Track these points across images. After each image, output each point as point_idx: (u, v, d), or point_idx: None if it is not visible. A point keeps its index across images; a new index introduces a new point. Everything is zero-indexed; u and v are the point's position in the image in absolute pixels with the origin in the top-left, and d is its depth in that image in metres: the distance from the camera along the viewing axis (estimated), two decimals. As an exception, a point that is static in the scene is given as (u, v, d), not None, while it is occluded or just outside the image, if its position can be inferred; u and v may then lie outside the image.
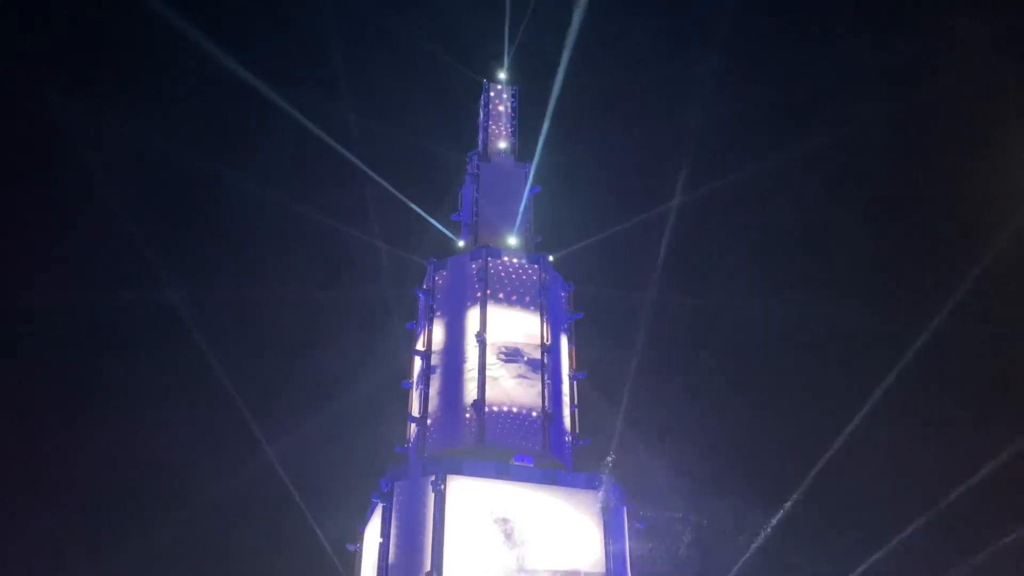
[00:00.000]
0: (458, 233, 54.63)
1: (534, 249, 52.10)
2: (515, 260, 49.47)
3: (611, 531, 40.79)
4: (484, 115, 58.47)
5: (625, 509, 42.57)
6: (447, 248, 53.07)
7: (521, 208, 54.10)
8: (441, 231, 54.43)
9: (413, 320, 51.03)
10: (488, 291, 47.52)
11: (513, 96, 59.65)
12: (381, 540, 40.29)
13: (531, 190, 54.87)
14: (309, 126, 57.05)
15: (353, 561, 45.36)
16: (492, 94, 59.17)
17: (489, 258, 48.76)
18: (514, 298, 48.02)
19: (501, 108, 58.84)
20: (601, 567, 39.51)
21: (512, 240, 51.92)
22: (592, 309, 52.46)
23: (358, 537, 45.70)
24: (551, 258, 50.82)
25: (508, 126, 58.12)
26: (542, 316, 47.60)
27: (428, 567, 37.79)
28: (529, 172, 55.85)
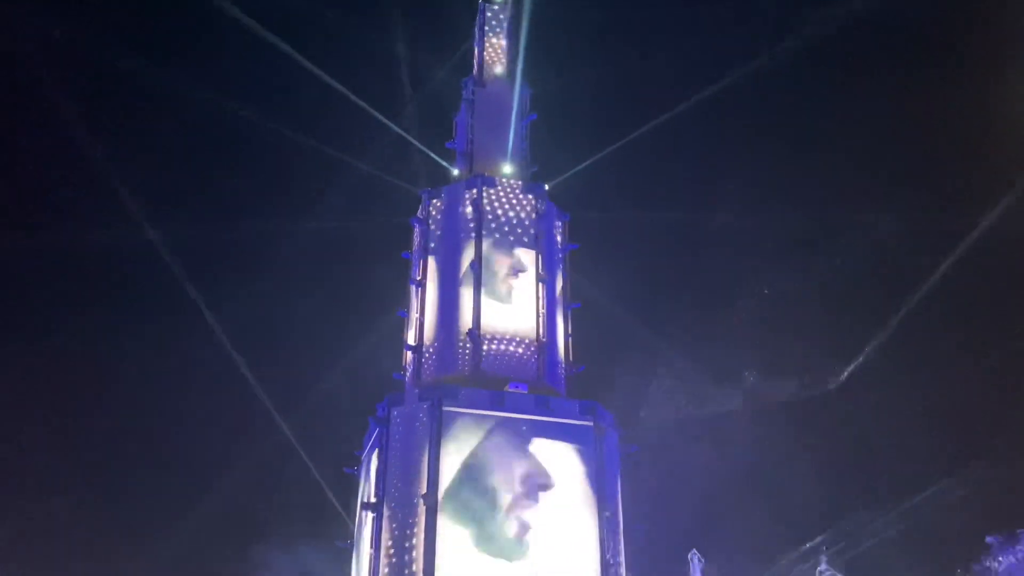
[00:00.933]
0: (453, 162, 54.08)
1: (530, 178, 51.67)
2: (511, 189, 49.18)
3: (603, 456, 41.83)
4: (479, 38, 56.86)
5: (617, 435, 43.56)
6: (442, 178, 52.62)
7: (513, 134, 53.38)
8: (436, 160, 53.81)
9: (408, 250, 51.06)
10: (483, 220, 47.43)
11: (510, 18, 58.05)
12: (378, 464, 41.35)
13: (527, 118, 54.07)
14: (295, 55, 55.71)
15: (351, 485, 46.68)
16: (488, 15, 57.48)
17: (484, 187, 48.44)
18: (509, 227, 47.97)
19: (498, 30, 57.29)
20: (592, 492, 40.64)
21: (507, 168, 51.42)
22: (588, 236, 52.52)
23: (356, 461, 46.87)
24: (547, 187, 50.53)
25: (504, 50, 56.72)
26: (537, 246, 47.66)
27: (424, 490, 38.87)
28: (526, 98, 54.92)
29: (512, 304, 45.85)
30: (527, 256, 47.15)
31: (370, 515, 40.78)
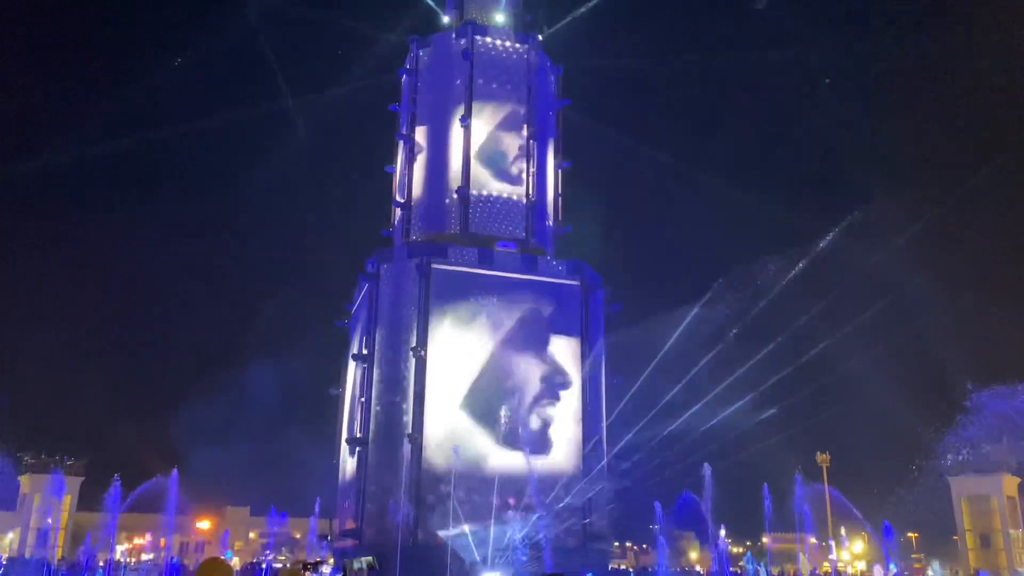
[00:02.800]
0: (443, 7, 51.30)
1: (524, 28, 49.20)
2: (503, 39, 47.04)
3: (588, 315, 42.67)
4: None
5: (603, 294, 44.17)
6: (432, 27, 50.07)
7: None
8: (423, 10, 50.97)
9: (396, 102, 49.40)
10: (474, 71, 45.70)
11: None
12: (369, 318, 42.08)
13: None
14: None
15: (343, 337, 47.68)
16: None
17: (475, 35, 46.28)
18: (501, 80, 46.25)
19: None
20: (577, 350, 41.77)
21: (500, 17, 48.89)
22: (581, 92, 50.92)
23: (346, 314, 47.61)
24: (540, 38, 48.36)
25: None
26: (529, 100, 46.19)
27: (414, 343, 39.82)
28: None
29: (502, 163, 45.06)
30: (518, 111, 45.83)
31: (362, 366, 42.01)
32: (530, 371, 40.53)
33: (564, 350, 41.69)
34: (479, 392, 39.73)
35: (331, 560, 39.28)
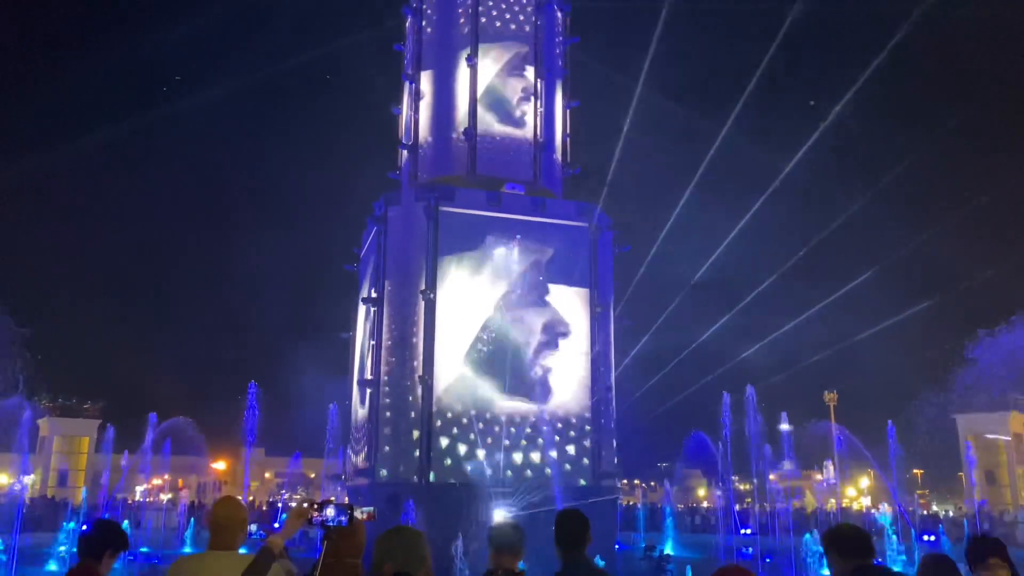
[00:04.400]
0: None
1: (531, -38, 47.85)
2: (509, -25, 45.86)
3: (597, 254, 42.58)
4: None
5: (611, 236, 44.00)
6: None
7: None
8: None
9: (401, 41, 48.52)
10: (480, 9, 44.71)
11: None
12: (377, 262, 42.12)
13: None
14: None
15: (352, 281, 47.83)
16: None
17: (481, -29, 45.14)
18: (507, 17, 45.31)
19: None
20: (586, 291, 41.81)
21: (506, -49, 47.56)
22: (591, 31, 49.83)
23: (355, 258, 47.68)
24: (547, -27, 47.05)
25: None
26: (536, 38, 45.29)
27: (423, 286, 39.93)
28: None
29: (509, 103, 44.42)
30: (525, 49, 44.99)
31: (372, 309, 42.23)
32: (533, 320, 40.62)
33: (571, 294, 41.70)
34: (484, 341, 39.91)
35: (346, 499, 40.16)
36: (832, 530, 6.67)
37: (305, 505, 6.10)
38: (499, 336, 39.93)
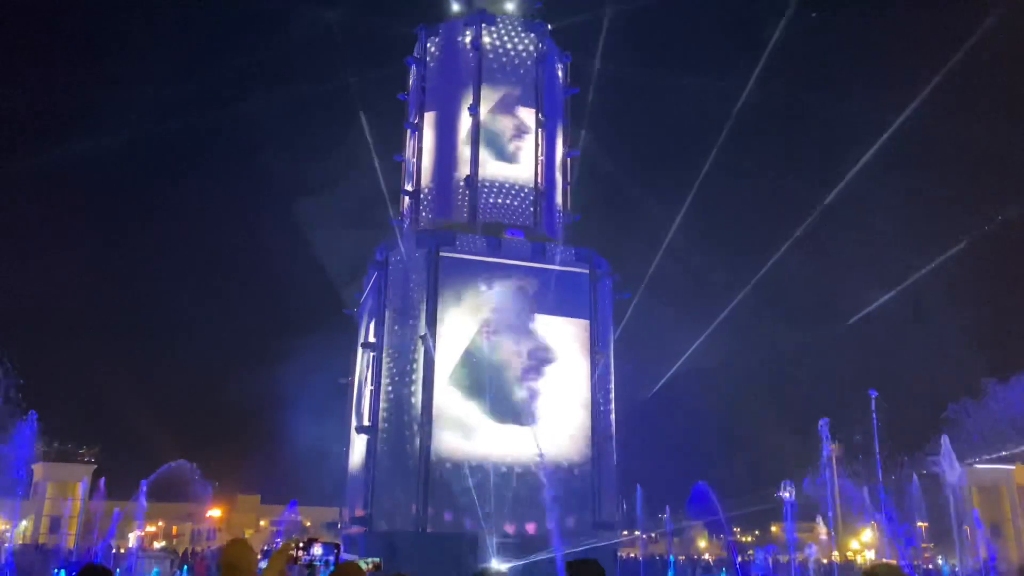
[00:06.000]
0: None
1: (533, 15, 49.03)
2: (511, 27, 46.92)
3: (597, 301, 42.63)
4: None
5: (611, 282, 44.12)
6: (440, 15, 49.90)
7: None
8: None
9: (405, 91, 49.38)
10: (482, 61, 45.63)
11: None
12: (377, 306, 42.18)
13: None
14: None
15: (352, 326, 47.83)
16: None
17: (483, 25, 46.20)
18: (509, 69, 46.19)
19: None
20: (586, 338, 41.74)
21: (509, 5, 48.74)
22: (591, 85, 50.68)
23: (355, 303, 47.75)
24: (549, 27, 48.16)
25: None
26: (537, 88, 46.11)
27: (422, 331, 39.88)
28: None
29: (510, 150, 45.03)
30: (526, 99, 45.75)
31: (370, 354, 42.15)
32: (527, 351, 40.50)
33: (571, 340, 41.62)
34: (483, 378, 39.74)
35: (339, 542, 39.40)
36: (870, 570, 6.77)
37: (293, 545, 6.05)
38: (497, 373, 39.82)
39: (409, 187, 46.57)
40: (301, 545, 5.85)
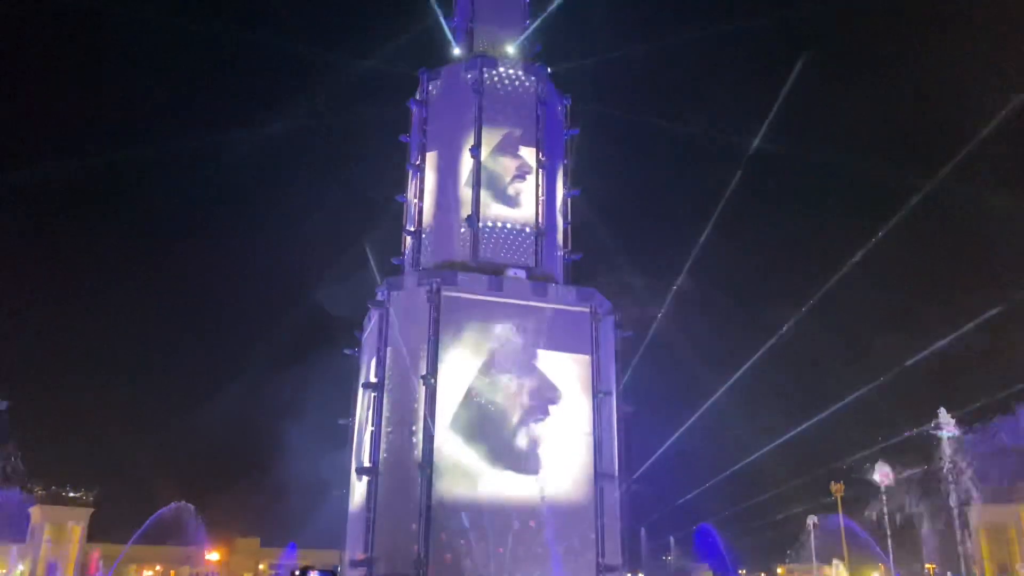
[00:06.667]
0: (453, 39, 51.85)
1: (533, 59, 49.83)
2: (512, 70, 47.64)
3: (599, 341, 42.55)
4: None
5: (613, 320, 44.10)
6: (442, 59, 50.76)
7: (520, 13, 51.38)
8: (432, 41, 51.67)
9: (407, 133, 49.98)
10: (483, 103, 46.24)
11: None
12: (378, 346, 42.09)
13: (529, -8, 51.84)
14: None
15: (352, 366, 47.66)
16: None
17: (484, 68, 46.89)
18: (509, 111, 46.80)
19: None
20: (588, 377, 41.60)
21: (510, 49, 49.57)
22: (591, 126, 51.34)
23: (355, 342, 47.66)
24: (549, 70, 48.92)
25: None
26: (537, 130, 46.65)
27: (424, 371, 39.75)
28: (528, -27, 52.42)
29: (511, 191, 45.42)
30: (527, 140, 46.26)
31: (371, 395, 41.95)
32: (529, 392, 40.37)
33: (573, 380, 41.49)
34: (485, 421, 39.55)
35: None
36: None
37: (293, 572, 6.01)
38: (499, 414, 39.62)
39: (411, 227, 46.86)
40: (297, 572, 5.83)
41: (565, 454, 40.10)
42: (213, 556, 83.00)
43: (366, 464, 40.62)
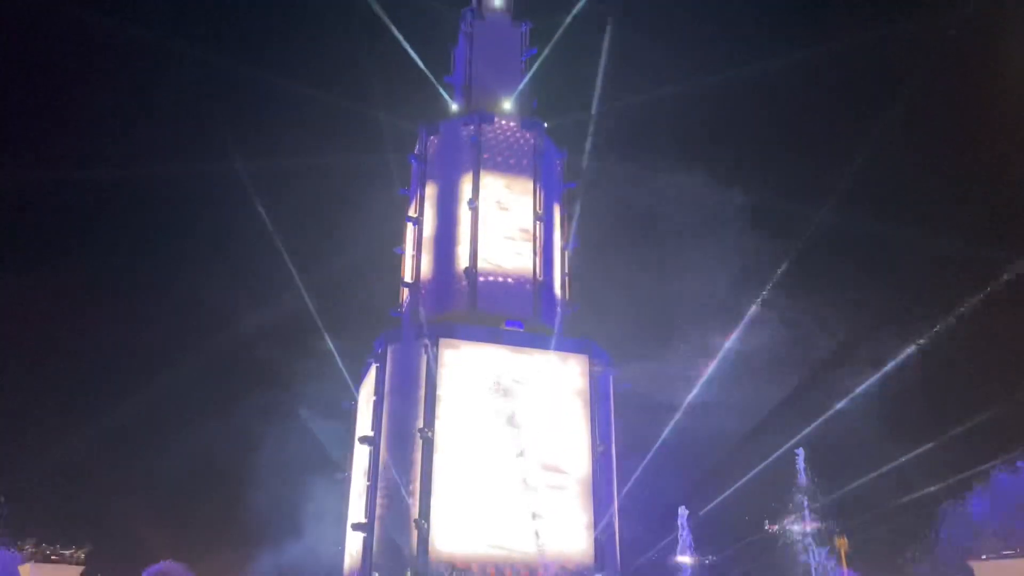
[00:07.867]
0: (452, 96, 53.03)
1: (530, 114, 50.83)
2: (509, 125, 48.49)
3: (596, 395, 42.35)
4: (478, -34, 55.20)
5: (611, 374, 44.01)
6: (441, 112, 51.73)
7: (517, 69, 52.54)
8: (432, 95, 52.78)
9: (406, 186, 50.64)
10: (481, 157, 46.95)
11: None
12: (375, 399, 41.89)
13: (527, 52, 53.06)
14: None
15: (348, 419, 47.35)
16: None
17: (482, 123, 47.74)
18: (507, 165, 47.48)
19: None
20: (586, 430, 41.30)
21: (507, 104, 50.55)
22: (587, 179, 51.93)
23: (352, 396, 47.40)
24: (546, 125, 49.82)
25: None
26: (535, 184, 47.27)
27: (421, 424, 39.46)
28: (525, 32, 53.78)
29: (509, 243, 45.76)
30: (524, 194, 46.85)
31: (367, 448, 41.54)
32: (528, 446, 40.02)
33: (571, 431, 41.20)
34: (483, 474, 39.11)
35: None
36: None
37: None
38: (498, 475, 39.12)
39: (409, 279, 47.10)
40: None
41: (564, 509, 39.53)
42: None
43: (362, 519, 40.04)
